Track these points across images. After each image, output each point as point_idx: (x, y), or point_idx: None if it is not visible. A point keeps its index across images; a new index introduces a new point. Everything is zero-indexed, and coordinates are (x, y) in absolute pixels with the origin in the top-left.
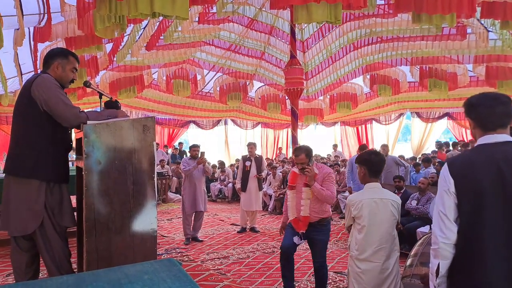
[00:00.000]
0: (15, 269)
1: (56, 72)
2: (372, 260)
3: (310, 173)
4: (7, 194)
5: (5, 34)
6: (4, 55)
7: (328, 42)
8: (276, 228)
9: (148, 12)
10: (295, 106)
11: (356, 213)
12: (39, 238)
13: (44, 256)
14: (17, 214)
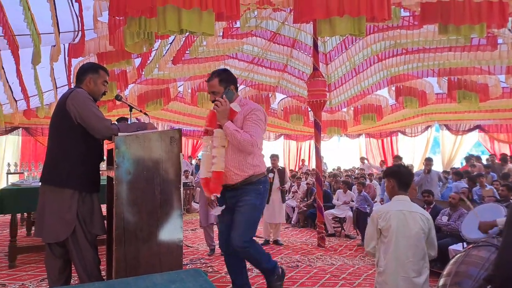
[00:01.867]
0: (49, 275)
1: (89, 86)
2: (402, 275)
3: (220, 108)
4: (42, 202)
5: (43, 51)
6: (41, 70)
7: (352, 54)
8: (300, 242)
9: (176, 29)
10: (318, 118)
11: (383, 224)
12: (71, 245)
13: (75, 263)
14: (51, 222)
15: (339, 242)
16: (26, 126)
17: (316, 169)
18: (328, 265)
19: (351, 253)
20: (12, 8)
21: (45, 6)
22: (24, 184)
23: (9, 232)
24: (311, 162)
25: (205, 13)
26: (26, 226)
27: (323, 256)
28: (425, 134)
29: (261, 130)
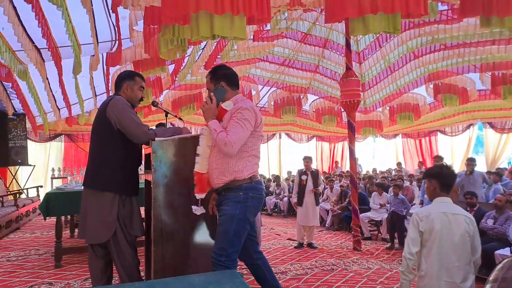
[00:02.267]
0: (92, 274)
1: (126, 93)
2: (447, 280)
3: (205, 106)
4: (84, 205)
5: (83, 61)
6: (82, 79)
7: (386, 52)
8: (334, 245)
9: (209, 35)
10: (351, 119)
11: (426, 227)
12: (112, 247)
13: (116, 264)
14: (93, 224)
15: (375, 246)
16: (68, 133)
17: (350, 171)
18: (365, 269)
19: (389, 257)
20: (55, 21)
21: (85, 17)
22: (68, 188)
23: (54, 234)
24: (345, 164)
25: (237, 18)
26: (70, 228)
27: (359, 259)
28: (466, 133)
29: (244, 129)
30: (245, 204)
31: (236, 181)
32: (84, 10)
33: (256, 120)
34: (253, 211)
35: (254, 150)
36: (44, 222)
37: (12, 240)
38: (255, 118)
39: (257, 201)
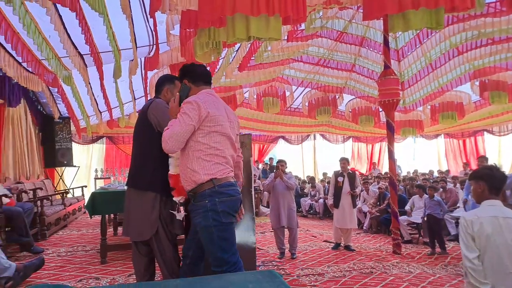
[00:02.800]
0: (136, 271)
1: (166, 96)
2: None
3: (170, 105)
4: (128, 204)
5: (122, 66)
6: (121, 84)
7: (427, 48)
8: (373, 248)
9: (244, 37)
10: (390, 119)
11: (476, 232)
12: (154, 244)
13: (158, 261)
14: (136, 222)
15: (416, 250)
16: (109, 135)
17: (389, 172)
18: (406, 272)
19: (431, 261)
20: (97, 28)
21: (124, 23)
22: (111, 188)
23: (99, 231)
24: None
25: (272, 19)
26: (113, 226)
27: (399, 263)
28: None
29: (181, 124)
30: (215, 211)
31: (199, 186)
32: (123, 16)
33: (200, 113)
34: (228, 214)
35: (212, 149)
36: (89, 220)
37: (61, 236)
38: (198, 111)
39: (228, 204)
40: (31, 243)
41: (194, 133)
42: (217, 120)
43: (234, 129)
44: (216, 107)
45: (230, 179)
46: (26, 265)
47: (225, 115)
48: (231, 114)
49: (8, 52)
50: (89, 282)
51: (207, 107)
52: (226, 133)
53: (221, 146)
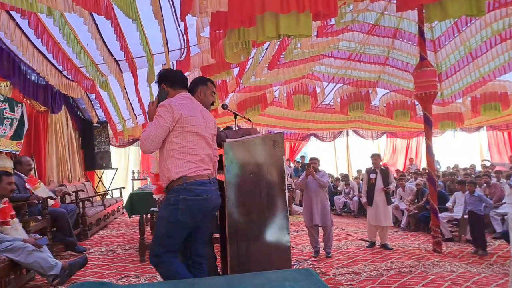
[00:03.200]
0: None
1: (200, 98)
2: None
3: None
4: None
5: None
6: (155, 87)
7: (467, 37)
8: (411, 246)
9: (274, 35)
10: (428, 112)
11: None
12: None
13: None
14: None
15: (459, 248)
16: None
17: (428, 168)
18: (447, 272)
19: (475, 260)
20: (130, 34)
21: (156, 28)
22: (148, 189)
23: (138, 231)
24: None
25: (302, 15)
26: (150, 226)
27: (440, 262)
28: None
29: (156, 126)
30: (176, 206)
31: (171, 183)
32: (155, 22)
33: (173, 115)
34: (189, 214)
35: (185, 148)
36: (127, 220)
37: (101, 236)
38: (171, 113)
39: (192, 203)
40: (75, 243)
41: (169, 134)
42: (190, 121)
43: (211, 129)
44: (190, 109)
45: (203, 177)
46: (71, 263)
47: (200, 116)
48: (207, 115)
49: (50, 62)
50: (129, 280)
51: (180, 109)
52: (199, 133)
53: (194, 145)
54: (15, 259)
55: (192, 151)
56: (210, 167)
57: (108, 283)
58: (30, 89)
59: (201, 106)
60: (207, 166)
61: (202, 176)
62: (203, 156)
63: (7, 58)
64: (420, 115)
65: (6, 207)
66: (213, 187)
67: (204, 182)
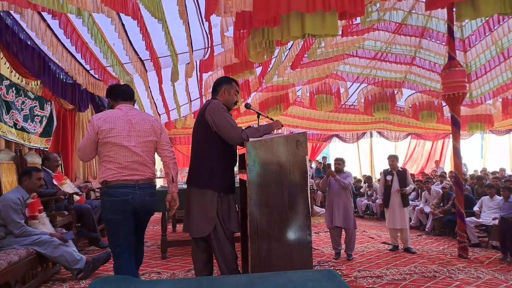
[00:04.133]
0: (195, 266)
1: (224, 97)
2: None
3: None
4: (188, 202)
5: (179, 69)
6: (178, 86)
7: (498, 36)
8: (436, 251)
9: (300, 35)
10: (456, 114)
11: None
12: (213, 241)
13: (216, 257)
14: (196, 220)
15: (486, 254)
16: (169, 136)
17: (455, 171)
18: (474, 278)
19: (503, 267)
20: (156, 34)
21: (181, 28)
22: None
23: (160, 228)
24: (445, 163)
25: (328, 15)
26: (172, 223)
27: (466, 268)
28: None
29: (84, 139)
30: (104, 207)
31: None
32: (180, 22)
33: (93, 129)
34: (110, 214)
35: (105, 156)
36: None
37: None
38: (92, 127)
39: (110, 204)
40: (99, 238)
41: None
42: (108, 132)
43: (141, 136)
44: (112, 121)
45: (126, 182)
46: (95, 258)
47: (123, 126)
48: (140, 123)
49: (78, 62)
50: (151, 276)
51: (99, 122)
52: (118, 143)
53: (114, 154)
54: (42, 252)
55: (112, 159)
56: (141, 172)
57: (132, 278)
58: (59, 88)
59: (135, 116)
60: (133, 172)
61: (125, 181)
62: (126, 164)
63: (37, 58)
64: (447, 116)
65: (35, 202)
66: (137, 191)
67: (125, 186)
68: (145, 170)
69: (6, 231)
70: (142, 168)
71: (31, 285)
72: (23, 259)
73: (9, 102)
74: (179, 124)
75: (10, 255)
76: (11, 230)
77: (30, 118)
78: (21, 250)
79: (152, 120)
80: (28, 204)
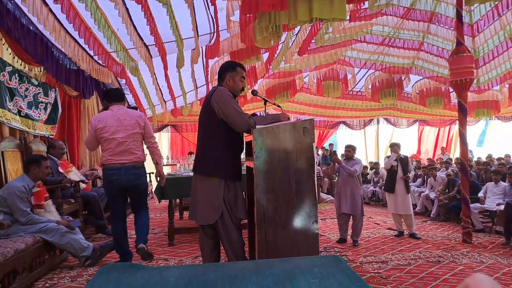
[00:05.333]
0: (202, 253)
1: (229, 84)
2: None
3: None
4: (194, 189)
5: (185, 55)
6: (184, 73)
7: (507, 20)
8: (441, 236)
9: (307, 19)
10: (463, 100)
11: None
12: (219, 228)
13: (224, 243)
14: (203, 206)
15: (489, 239)
16: (174, 124)
17: (461, 157)
18: (477, 262)
19: (506, 251)
20: (160, 18)
21: (186, 12)
22: (177, 174)
23: (167, 215)
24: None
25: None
26: (179, 211)
27: (469, 253)
28: None
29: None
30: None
31: None
32: (185, 5)
33: (92, 128)
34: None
35: (103, 146)
36: (156, 204)
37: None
38: (91, 127)
39: (104, 182)
40: (106, 226)
41: None
42: (101, 131)
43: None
44: (104, 120)
45: (114, 165)
46: (102, 245)
47: (113, 123)
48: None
49: (81, 47)
50: (158, 263)
51: (95, 123)
52: (110, 137)
53: (107, 145)
54: (49, 239)
55: (107, 148)
56: (127, 157)
57: (139, 265)
58: (63, 74)
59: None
60: (120, 157)
61: (113, 164)
62: (115, 152)
63: (40, 43)
64: (454, 102)
65: (41, 190)
66: (123, 172)
67: (113, 168)
68: (131, 156)
69: (12, 219)
70: (128, 155)
71: (38, 273)
72: (30, 247)
73: (12, 88)
74: (185, 111)
75: (17, 243)
76: (17, 218)
77: (34, 105)
78: (28, 238)
79: (137, 116)
80: (34, 192)
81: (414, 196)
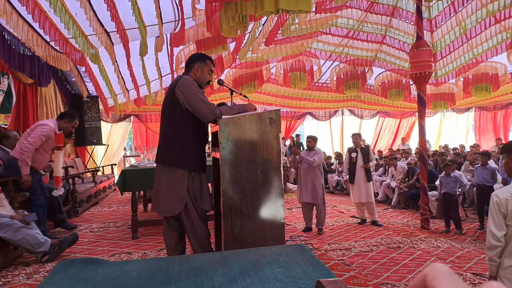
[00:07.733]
0: (167, 246)
1: (196, 74)
2: None
3: None
4: (158, 181)
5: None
6: (148, 61)
7: (462, 17)
8: (401, 223)
9: (273, 10)
10: (422, 92)
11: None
12: (184, 219)
13: (189, 235)
14: (166, 198)
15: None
16: (137, 113)
17: (419, 147)
18: (434, 247)
19: (459, 236)
20: (122, 4)
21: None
22: (141, 165)
23: (130, 208)
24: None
25: None
26: (143, 203)
27: (427, 238)
28: None
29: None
30: None
31: None
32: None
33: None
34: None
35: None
36: (119, 197)
37: (92, 213)
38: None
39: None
40: (65, 220)
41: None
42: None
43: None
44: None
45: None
46: (61, 240)
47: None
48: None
49: (36, 32)
50: (121, 257)
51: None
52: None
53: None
54: (2, 235)
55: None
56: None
57: (99, 260)
58: (16, 60)
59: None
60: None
61: None
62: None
63: None
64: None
65: None
66: None
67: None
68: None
69: None
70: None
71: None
72: None
73: None
74: (149, 101)
75: None
76: None
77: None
78: None
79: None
80: None
81: (376, 185)
